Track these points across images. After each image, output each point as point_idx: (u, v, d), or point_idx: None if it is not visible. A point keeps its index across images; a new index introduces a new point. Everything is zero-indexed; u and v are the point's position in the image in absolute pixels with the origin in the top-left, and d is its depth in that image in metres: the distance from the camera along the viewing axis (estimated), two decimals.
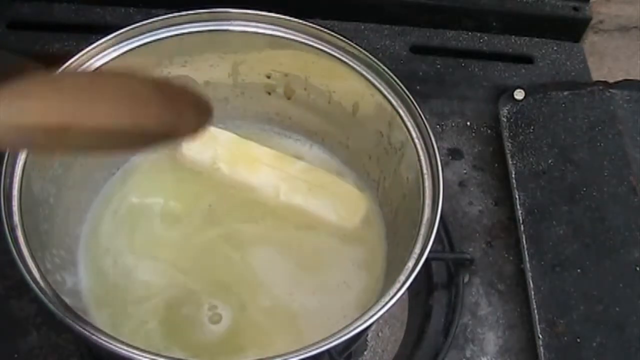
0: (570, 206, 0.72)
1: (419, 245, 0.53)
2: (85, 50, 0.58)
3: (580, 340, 0.65)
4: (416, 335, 0.67)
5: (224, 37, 0.63)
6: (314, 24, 0.62)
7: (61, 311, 0.47)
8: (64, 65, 0.56)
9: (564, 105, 0.79)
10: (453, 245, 0.71)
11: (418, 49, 0.88)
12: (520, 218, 0.72)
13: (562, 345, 0.65)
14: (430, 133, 0.58)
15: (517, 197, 0.74)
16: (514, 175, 0.75)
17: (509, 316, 0.69)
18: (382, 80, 0.61)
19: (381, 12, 0.89)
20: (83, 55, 0.58)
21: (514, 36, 0.90)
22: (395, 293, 0.50)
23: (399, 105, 0.60)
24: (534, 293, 0.68)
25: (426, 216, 0.54)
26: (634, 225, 0.70)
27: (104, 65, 0.58)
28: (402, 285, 0.50)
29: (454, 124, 0.82)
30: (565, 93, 0.80)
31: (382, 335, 0.68)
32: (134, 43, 0.60)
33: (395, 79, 0.60)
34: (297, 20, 0.62)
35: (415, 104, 0.59)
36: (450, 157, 0.79)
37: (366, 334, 0.67)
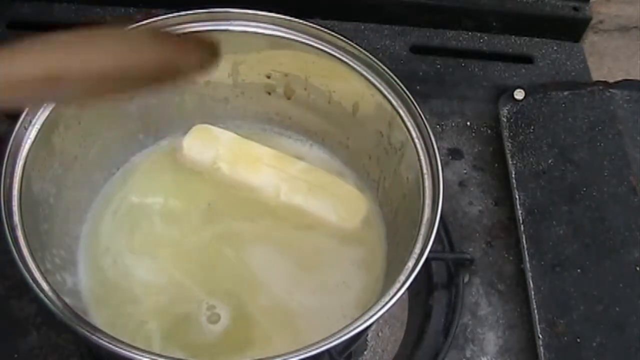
0: (570, 206, 0.72)
1: (419, 245, 0.53)
2: None
3: (580, 340, 0.65)
4: (416, 335, 0.67)
5: (224, 37, 0.63)
6: (314, 24, 0.62)
7: (61, 311, 0.47)
8: None
9: (564, 105, 0.79)
10: (453, 245, 0.71)
11: (418, 49, 0.88)
12: (520, 218, 0.72)
13: (562, 345, 0.65)
14: (430, 133, 0.58)
15: (517, 197, 0.74)
16: (514, 175, 0.75)
17: (509, 316, 0.69)
18: (382, 80, 0.61)
19: (381, 12, 0.89)
20: None
21: (514, 36, 0.90)
22: (395, 293, 0.50)
23: (399, 105, 0.60)
24: (534, 293, 0.68)
25: (426, 216, 0.54)
26: (634, 225, 0.70)
27: None
28: (402, 285, 0.50)
29: (454, 124, 0.82)
30: (565, 93, 0.80)
31: (382, 335, 0.68)
32: None
33: (395, 79, 0.60)
34: (297, 20, 0.62)
35: (415, 104, 0.59)
36: (450, 157, 0.79)
37: (366, 334, 0.67)
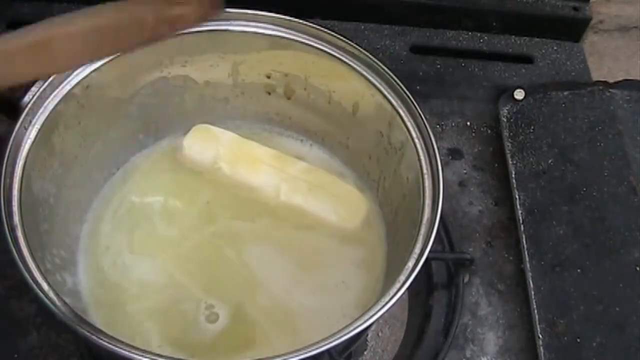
0: (570, 206, 0.72)
1: (419, 245, 0.53)
2: None
3: (580, 340, 0.65)
4: (416, 335, 0.67)
5: (224, 37, 0.63)
6: (314, 24, 0.61)
7: (61, 311, 0.47)
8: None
9: (564, 105, 0.79)
10: (453, 245, 0.71)
11: (418, 49, 0.88)
12: (520, 218, 0.72)
13: (562, 345, 0.65)
14: (430, 133, 0.58)
15: (517, 197, 0.74)
16: (514, 175, 0.75)
17: (509, 316, 0.69)
18: (382, 80, 0.61)
19: (381, 12, 0.89)
20: None
21: (514, 36, 0.90)
22: (395, 293, 0.50)
23: (399, 105, 0.60)
24: (534, 293, 0.68)
25: (426, 216, 0.54)
26: (634, 225, 0.70)
27: (103, 65, 0.58)
28: (402, 285, 0.50)
29: (454, 124, 0.82)
30: (565, 93, 0.80)
31: (382, 335, 0.68)
32: None
33: (395, 79, 0.60)
34: (297, 20, 0.62)
35: (415, 104, 0.59)
36: (450, 157, 0.79)
37: (366, 334, 0.67)
